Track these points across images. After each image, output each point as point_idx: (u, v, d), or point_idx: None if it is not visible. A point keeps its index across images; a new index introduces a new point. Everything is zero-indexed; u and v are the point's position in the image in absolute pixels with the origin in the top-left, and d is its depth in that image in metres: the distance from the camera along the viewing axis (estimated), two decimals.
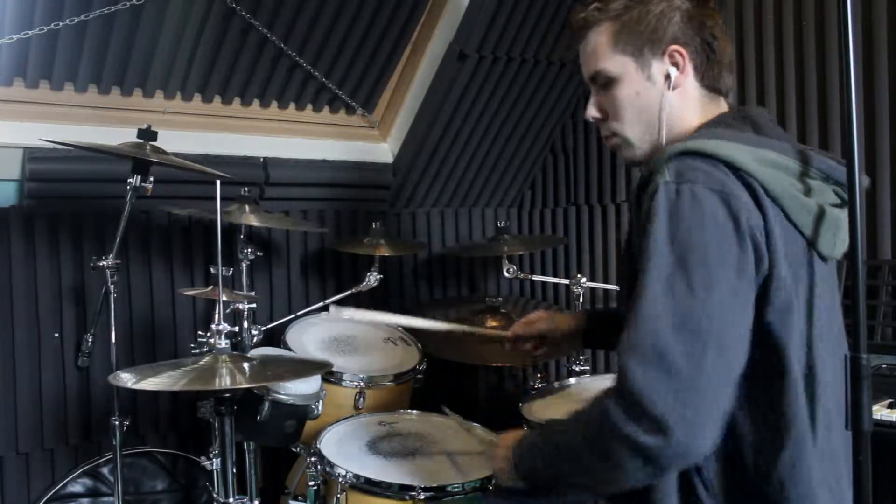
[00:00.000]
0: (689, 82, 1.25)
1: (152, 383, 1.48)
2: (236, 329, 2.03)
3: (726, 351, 1.02)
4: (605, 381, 2.32)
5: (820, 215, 1.13)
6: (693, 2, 1.25)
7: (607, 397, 1.05)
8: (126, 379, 1.50)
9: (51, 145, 2.02)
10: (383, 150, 2.98)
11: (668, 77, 1.24)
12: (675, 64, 1.24)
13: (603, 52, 1.27)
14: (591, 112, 1.33)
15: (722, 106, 1.29)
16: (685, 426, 0.98)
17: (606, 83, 1.28)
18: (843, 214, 1.16)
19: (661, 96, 1.24)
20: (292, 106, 2.71)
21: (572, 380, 2.35)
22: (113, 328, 2.04)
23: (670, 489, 1.16)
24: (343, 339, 2.42)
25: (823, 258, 1.16)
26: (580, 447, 1.11)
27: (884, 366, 1.96)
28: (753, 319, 1.07)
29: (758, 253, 1.07)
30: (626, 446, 1.01)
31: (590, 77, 1.31)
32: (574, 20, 1.31)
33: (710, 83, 1.26)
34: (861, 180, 1.16)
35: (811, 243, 1.14)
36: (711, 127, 1.23)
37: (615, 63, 1.26)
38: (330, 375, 2.12)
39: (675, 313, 1.01)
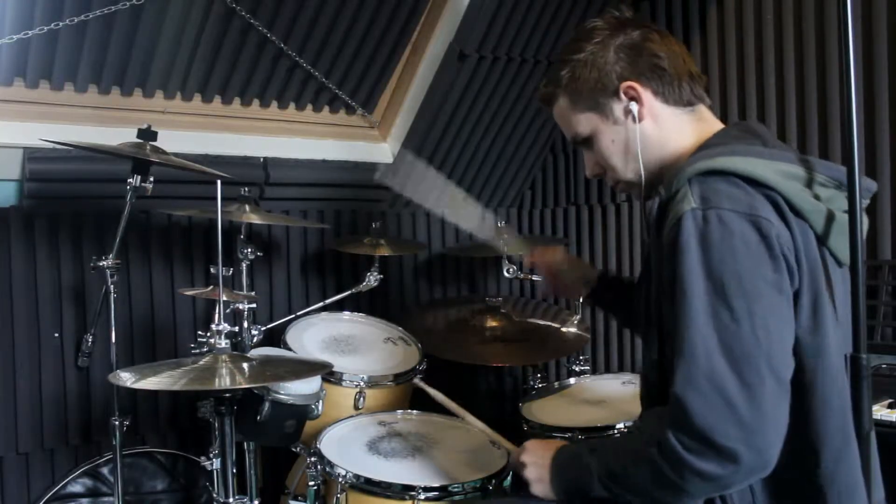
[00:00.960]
0: (656, 107, 1.28)
1: (152, 383, 1.48)
2: (236, 329, 2.03)
3: (779, 370, 1.04)
4: (606, 382, 2.32)
5: (829, 219, 1.14)
6: (620, 34, 1.28)
7: (666, 429, 1.06)
8: (126, 378, 1.50)
9: (51, 145, 2.02)
10: (383, 150, 2.98)
11: (629, 112, 1.28)
12: (632, 98, 1.27)
13: (569, 118, 1.35)
14: (590, 171, 1.41)
15: (705, 115, 1.31)
16: (754, 452, 1.02)
17: (585, 141, 1.35)
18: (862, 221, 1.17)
19: (631, 132, 1.28)
20: (292, 106, 2.71)
21: (572, 380, 2.35)
22: (113, 328, 2.04)
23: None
24: (343, 339, 2.42)
25: (839, 263, 1.16)
26: (644, 480, 1.13)
27: (884, 366, 1.96)
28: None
29: (790, 270, 1.09)
30: (698, 477, 1.04)
31: (571, 140, 1.38)
32: (539, 100, 1.41)
33: (675, 100, 1.28)
34: (869, 185, 1.17)
35: (828, 249, 1.14)
36: (723, 141, 1.23)
37: (582, 123, 1.33)
38: (330, 375, 2.12)
39: (723, 344, 1.03)
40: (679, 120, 1.29)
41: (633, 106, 1.27)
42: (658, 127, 1.28)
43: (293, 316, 2.46)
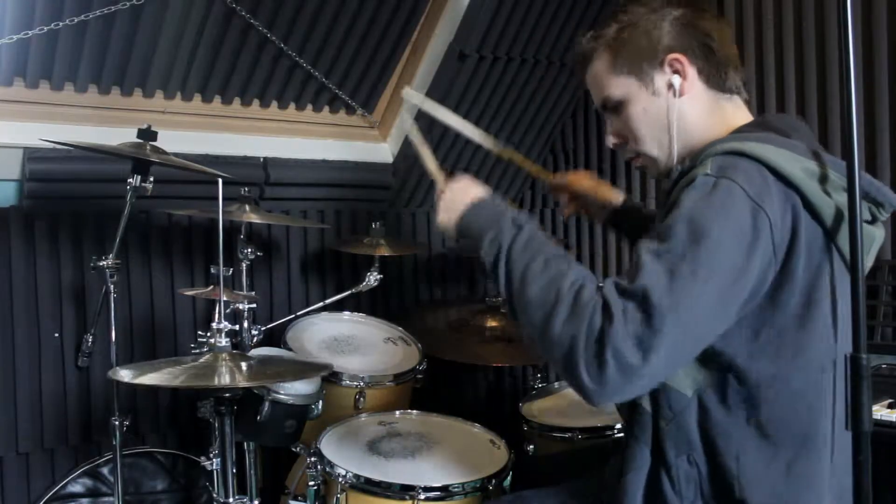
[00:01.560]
0: (697, 87, 1.25)
1: (151, 379, 1.48)
2: (236, 329, 2.03)
3: (692, 337, 1.05)
4: None
5: (839, 219, 1.12)
6: (681, 6, 1.26)
7: (599, 292, 1.07)
8: (125, 375, 1.50)
9: (51, 145, 2.02)
10: (383, 150, 2.98)
11: (671, 86, 1.25)
12: (676, 72, 1.24)
13: (605, 79, 1.30)
14: (610, 140, 1.36)
15: (739, 105, 1.29)
16: (658, 341, 1.01)
17: (616, 107, 1.31)
18: (878, 231, 1.17)
19: (670, 106, 1.25)
20: (292, 106, 2.71)
21: None
22: (113, 328, 2.04)
23: (639, 477, 1.19)
24: (343, 339, 2.42)
25: (847, 264, 1.16)
26: (540, 306, 1.11)
27: (884, 366, 1.96)
28: (766, 322, 1.10)
29: (763, 275, 1.07)
30: (598, 343, 1.03)
31: (600, 105, 1.34)
32: (575, 55, 1.36)
33: (717, 84, 1.26)
34: (893, 199, 1.16)
35: (837, 248, 1.14)
36: (756, 129, 1.22)
37: (618, 86, 1.29)
38: (330, 375, 2.12)
39: (673, 281, 1.03)
40: (716, 105, 1.26)
41: (676, 79, 1.24)
42: (694, 106, 1.25)
43: (293, 316, 2.46)
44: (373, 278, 2.58)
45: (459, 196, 1.33)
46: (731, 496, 1.14)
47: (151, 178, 1.98)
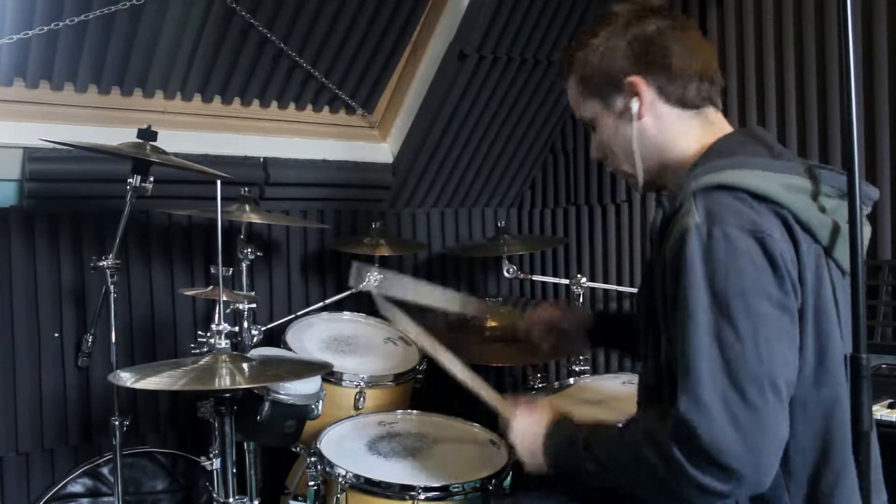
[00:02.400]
0: (660, 106, 1.26)
1: (152, 383, 1.48)
2: (236, 329, 2.03)
3: (780, 389, 1.04)
4: (606, 381, 2.32)
5: (835, 231, 1.13)
6: (637, 24, 1.26)
7: (670, 442, 1.06)
8: (126, 378, 1.50)
9: (51, 145, 2.02)
10: (383, 150, 2.98)
11: (629, 108, 1.26)
12: (634, 94, 1.25)
13: (577, 100, 1.34)
14: (593, 153, 1.39)
15: (713, 118, 1.29)
16: (756, 470, 1.02)
17: (590, 126, 1.35)
18: (865, 228, 1.16)
19: (633, 128, 1.27)
20: (292, 106, 2.71)
21: (572, 380, 2.35)
22: (113, 328, 2.04)
23: None
24: (343, 339, 2.42)
25: (843, 273, 1.16)
26: (640, 480, 1.13)
27: (884, 366, 1.96)
28: None
29: (794, 287, 1.08)
30: (697, 489, 1.05)
31: (581, 122, 1.38)
32: (557, 72, 1.39)
33: (681, 101, 1.26)
34: (870, 192, 1.16)
35: (833, 260, 1.14)
36: (729, 149, 1.21)
37: (588, 108, 1.33)
38: (330, 375, 2.12)
39: (727, 364, 1.03)
40: (682, 122, 1.26)
41: (635, 102, 1.25)
42: (659, 126, 1.26)
43: (293, 316, 2.46)
44: (373, 278, 2.57)
45: (529, 439, 1.34)
46: None
47: (151, 178, 1.98)
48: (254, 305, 2.10)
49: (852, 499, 1.12)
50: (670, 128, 1.27)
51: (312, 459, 1.79)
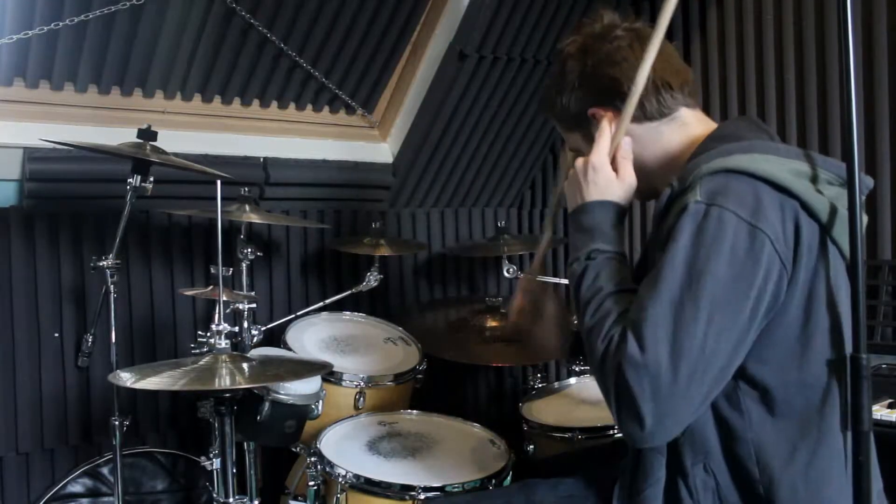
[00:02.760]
0: (631, 128, 1.29)
1: (152, 383, 1.48)
2: (236, 329, 2.03)
3: (710, 376, 1.07)
4: None
5: (833, 212, 1.13)
6: (584, 57, 1.30)
7: (623, 358, 1.08)
8: (126, 378, 1.50)
9: (51, 145, 2.02)
10: (383, 150, 2.98)
11: None
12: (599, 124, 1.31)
13: (562, 133, 1.43)
14: None
15: (688, 118, 1.31)
16: (656, 433, 1.08)
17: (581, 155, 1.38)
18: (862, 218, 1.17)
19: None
20: (292, 106, 2.71)
21: (572, 380, 2.35)
22: (113, 328, 2.04)
23: (657, 491, 1.19)
24: (343, 339, 2.42)
25: (844, 258, 1.17)
26: (587, 331, 1.18)
27: (884, 366, 1.96)
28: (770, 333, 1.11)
29: (778, 287, 1.09)
30: (620, 376, 1.08)
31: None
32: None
33: (647, 115, 1.29)
34: (865, 181, 1.17)
35: (834, 241, 1.14)
36: (736, 133, 1.22)
37: (572, 140, 1.41)
38: (330, 375, 2.12)
39: (674, 335, 1.05)
40: (655, 132, 1.30)
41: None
42: (634, 144, 1.30)
43: (293, 316, 2.46)
44: (373, 278, 2.58)
45: (589, 184, 1.29)
46: (755, 500, 1.14)
47: (151, 178, 1.98)
48: (254, 305, 2.10)
49: (831, 478, 1.13)
50: (645, 141, 1.31)
51: (312, 459, 1.79)
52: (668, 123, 1.30)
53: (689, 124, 1.30)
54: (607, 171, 1.28)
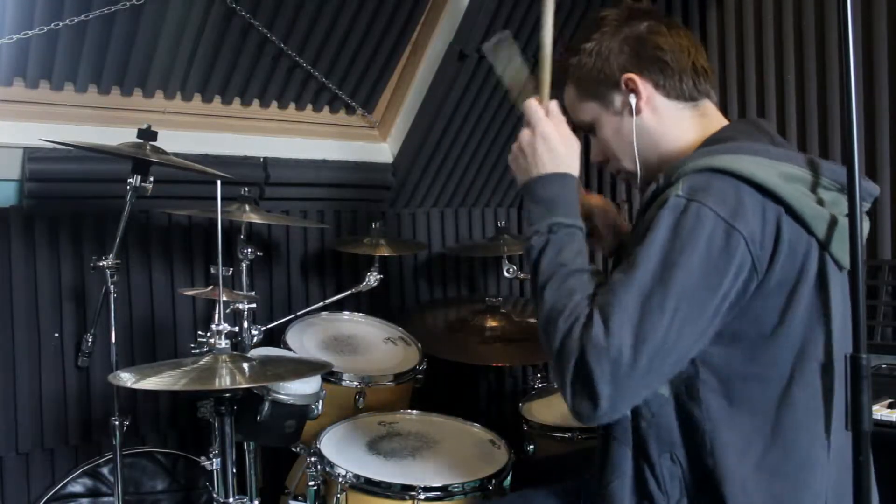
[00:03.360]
0: (657, 101, 1.28)
1: (152, 383, 1.48)
2: (236, 329, 2.03)
3: (663, 365, 1.09)
4: None
5: (832, 224, 1.13)
6: (627, 25, 1.29)
7: (585, 338, 1.09)
8: (126, 379, 1.50)
9: (51, 145, 2.02)
10: (383, 150, 2.98)
11: (628, 104, 1.29)
12: (632, 91, 1.28)
13: (574, 105, 1.37)
14: (593, 158, 1.41)
15: (709, 111, 1.31)
16: (608, 412, 1.09)
17: (590, 130, 1.37)
18: (863, 226, 1.17)
19: (632, 124, 1.29)
20: (292, 106, 2.71)
21: None
22: (113, 328, 2.04)
23: (624, 483, 1.20)
24: (343, 339, 2.42)
25: (840, 267, 1.16)
26: (548, 307, 1.17)
27: (884, 366, 1.96)
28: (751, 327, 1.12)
29: (744, 288, 1.10)
30: (581, 357, 1.09)
31: (579, 128, 1.38)
32: (554, 83, 1.40)
33: (678, 94, 1.28)
34: (871, 189, 1.17)
35: (830, 254, 1.14)
36: (730, 135, 1.23)
37: (586, 111, 1.35)
38: (330, 375, 2.12)
39: (641, 322, 1.07)
40: (680, 115, 1.29)
41: (633, 98, 1.28)
42: (657, 120, 1.29)
43: (293, 316, 2.46)
44: (373, 278, 2.58)
45: (541, 156, 1.27)
46: (710, 492, 1.15)
47: (151, 178, 1.98)
48: (254, 305, 2.10)
49: (785, 475, 1.14)
50: (668, 121, 1.29)
51: (312, 459, 1.79)
52: (692, 109, 1.30)
53: (708, 117, 1.31)
54: (557, 141, 1.27)
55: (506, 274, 2.76)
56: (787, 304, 1.12)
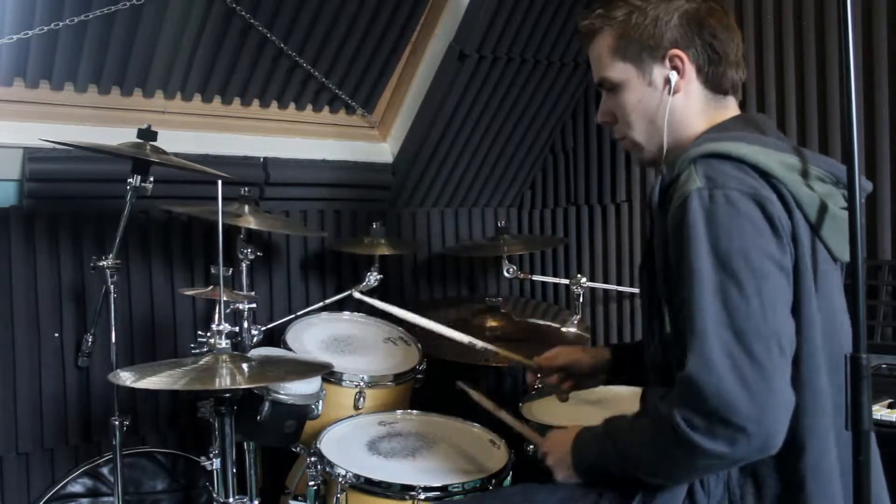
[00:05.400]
0: (693, 85, 1.26)
1: (152, 382, 1.48)
2: (236, 329, 2.03)
3: (785, 348, 1.06)
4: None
5: (822, 210, 1.14)
6: (693, 2, 1.25)
7: (673, 410, 1.07)
8: (126, 378, 1.50)
9: (51, 145, 2.02)
10: (383, 150, 2.98)
11: (668, 81, 1.25)
12: (675, 68, 1.25)
13: (606, 59, 1.29)
14: (601, 116, 1.36)
15: (730, 105, 1.29)
16: (762, 427, 1.02)
17: (612, 88, 1.31)
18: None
19: (663, 101, 1.25)
20: (292, 106, 2.71)
21: None
22: (113, 328, 2.04)
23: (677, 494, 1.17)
24: (343, 339, 2.42)
25: (834, 259, 1.16)
26: (654, 459, 1.14)
27: (884, 366, 1.96)
28: None
29: (790, 249, 1.10)
30: (706, 457, 1.05)
31: (598, 82, 1.33)
32: (581, 26, 1.33)
33: (714, 84, 1.26)
34: (864, 184, 1.17)
35: (821, 240, 1.15)
36: (727, 127, 1.23)
37: (618, 70, 1.28)
38: (330, 375, 2.12)
39: (733, 321, 1.04)
40: (707, 104, 1.27)
41: (674, 76, 1.24)
42: (687, 104, 1.26)
43: (293, 316, 2.46)
44: (373, 278, 2.58)
45: (560, 448, 1.36)
46: (752, 495, 1.14)
47: (151, 178, 1.98)
48: (254, 305, 2.10)
49: (831, 483, 1.12)
50: (694, 108, 1.27)
51: (312, 459, 1.79)
52: (718, 101, 1.28)
53: (725, 109, 1.28)
54: (554, 441, 1.39)
55: (506, 274, 2.76)
56: (802, 280, 1.12)
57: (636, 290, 2.85)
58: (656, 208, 1.20)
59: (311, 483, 1.78)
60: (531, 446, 2.04)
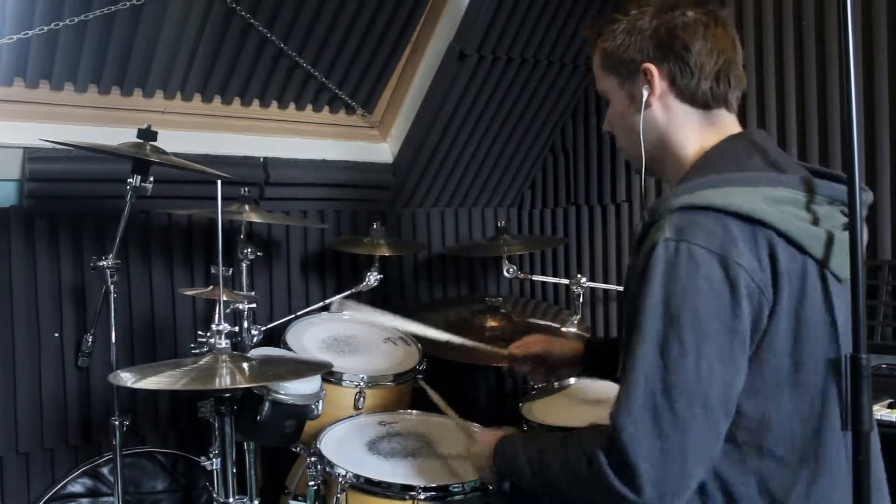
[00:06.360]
0: (668, 100, 1.26)
1: (152, 382, 1.48)
2: (236, 329, 2.03)
3: (714, 409, 1.05)
4: (605, 381, 2.32)
5: (829, 242, 1.12)
6: (668, 13, 1.24)
7: (596, 445, 1.09)
8: (126, 378, 1.50)
9: (51, 145, 2.02)
10: (383, 150, 2.98)
11: (640, 94, 1.26)
12: (647, 82, 1.25)
13: (598, 71, 1.35)
14: (604, 125, 1.40)
15: (723, 121, 1.27)
16: (657, 486, 1.04)
17: (606, 101, 1.35)
18: (863, 231, 1.16)
19: (638, 115, 1.27)
20: (292, 106, 2.71)
21: (572, 380, 2.34)
22: (113, 328, 2.04)
23: None
24: (343, 339, 2.42)
25: (839, 280, 1.15)
26: (565, 483, 1.17)
27: (884, 366, 1.96)
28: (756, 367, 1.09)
29: (758, 314, 1.08)
30: (613, 497, 1.07)
31: (600, 94, 1.38)
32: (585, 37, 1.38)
33: (690, 98, 1.25)
34: (865, 196, 1.16)
35: (829, 270, 1.13)
36: (715, 163, 1.21)
37: (605, 83, 1.33)
38: (330, 375, 2.12)
39: (666, 376, 1.05)
40: (688, 119, 1.26)
41: (645, 90, 1.25)
42: (666, 117, 1.26)
43: (293, 316, 2.46)
44: (373, 278, 2.58)
45: (482, 451, 1.41)
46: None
47: (151, 178, 1.98)
48: (254, 305, 2.10)
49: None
50: (675, 122, 1.26)
51: (312, 459, 1.79)
52: (702, 116, 1.26)
53: (717, 126, 1.26)
54: (481, 441, 1.43)
55: (506, 274, 2.76)
56: (798, 328, 1.10)
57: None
58: (634, 248, 1.19)
59: (311, 483, 1.77)
60: None
